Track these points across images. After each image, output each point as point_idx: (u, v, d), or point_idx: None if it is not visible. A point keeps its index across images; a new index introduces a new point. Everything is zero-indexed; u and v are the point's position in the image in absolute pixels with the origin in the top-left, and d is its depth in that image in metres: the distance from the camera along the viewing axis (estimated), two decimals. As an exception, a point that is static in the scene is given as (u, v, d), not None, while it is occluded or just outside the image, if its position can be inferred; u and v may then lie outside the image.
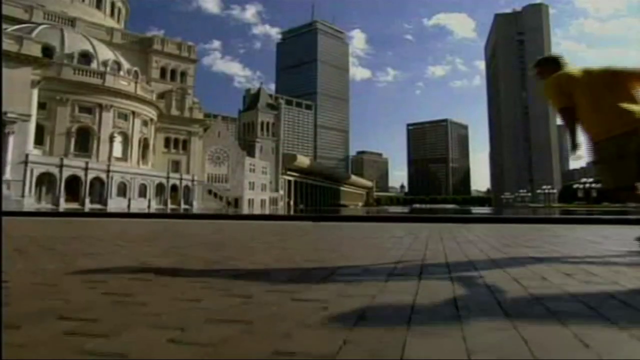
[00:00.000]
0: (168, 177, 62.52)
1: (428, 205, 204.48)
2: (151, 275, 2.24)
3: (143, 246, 3.90)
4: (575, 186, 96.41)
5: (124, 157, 56.30)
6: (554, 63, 3.41)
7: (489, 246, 3.70)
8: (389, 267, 2.48)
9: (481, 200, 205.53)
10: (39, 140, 46.02)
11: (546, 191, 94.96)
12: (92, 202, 47.41)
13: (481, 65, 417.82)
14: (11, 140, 37.49)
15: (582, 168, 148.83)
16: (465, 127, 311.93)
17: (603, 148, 3.02)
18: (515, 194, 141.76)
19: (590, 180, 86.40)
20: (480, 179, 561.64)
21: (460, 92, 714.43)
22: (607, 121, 2.96)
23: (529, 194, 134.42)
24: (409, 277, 2.15)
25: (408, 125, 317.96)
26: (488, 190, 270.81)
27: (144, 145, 62.27)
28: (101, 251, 3.44)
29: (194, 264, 2.69)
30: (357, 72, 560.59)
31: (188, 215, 14.47)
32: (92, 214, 14.16)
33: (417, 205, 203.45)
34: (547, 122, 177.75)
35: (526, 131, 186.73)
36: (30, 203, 38.52)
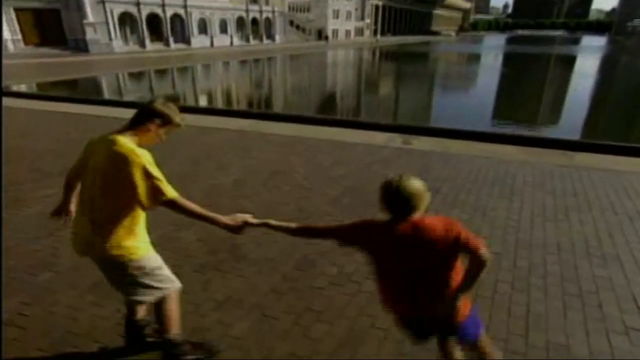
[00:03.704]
0: (247, 10, 59.54)
1: (532, 32, 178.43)
2: None
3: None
4: None
5: (196, -11, 53.32)
6: None
7: None
8: None
9: (600, 26, 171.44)
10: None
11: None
12: (175, 41, 47.55)
13: None
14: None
15: None
16: None
17: None
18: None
19: None
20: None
21: None
22: None
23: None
24: None
25: None
26: (613, 10, 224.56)
27: (217, -27, 58.04)
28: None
29: None
30: None
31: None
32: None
33: (520, 32, 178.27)
34: None
35: None
36: (119, 46, 39.50)
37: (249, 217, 2.22)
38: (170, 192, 2.03)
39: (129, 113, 2.14)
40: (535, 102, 15.98)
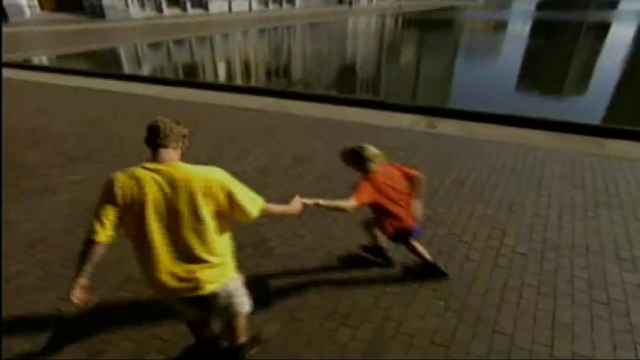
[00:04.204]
0: (265, -28, 58.00)
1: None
2: None
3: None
4: None
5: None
6: None
7: None
8: None
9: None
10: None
11: None
12: (193, 6, 46.79)
13: None
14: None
15: None
16: None
17: None
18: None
19: None
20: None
21: None
22: None
23: None
24: None
25: None
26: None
27: None
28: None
29: None
30: None
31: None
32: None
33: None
34: None
35: None
36: (136, 12, 39.09)
37: (302, 200, 2.46)
38: (262, 200, 2.14)
39: (150, 89, 2.08)
40: (561, 79, 15.35)
